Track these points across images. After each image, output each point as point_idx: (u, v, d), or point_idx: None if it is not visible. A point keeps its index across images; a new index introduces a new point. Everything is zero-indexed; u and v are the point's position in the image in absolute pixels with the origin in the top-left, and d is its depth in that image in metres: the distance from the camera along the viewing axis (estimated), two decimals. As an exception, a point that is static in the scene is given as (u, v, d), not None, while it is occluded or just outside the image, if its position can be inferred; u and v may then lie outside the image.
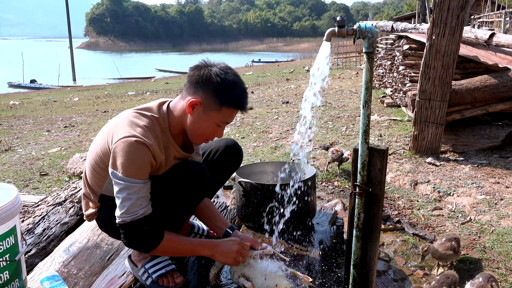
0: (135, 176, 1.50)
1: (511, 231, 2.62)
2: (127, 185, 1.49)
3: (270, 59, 39.08)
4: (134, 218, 1.50)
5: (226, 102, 1.60)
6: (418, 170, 3.78)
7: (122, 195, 1.50)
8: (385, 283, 2.25)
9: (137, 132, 1.52)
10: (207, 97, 1.59)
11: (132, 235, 1.54)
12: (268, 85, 12.58)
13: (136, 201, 1.50)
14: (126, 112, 1.65)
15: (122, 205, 1.50)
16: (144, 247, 1.60)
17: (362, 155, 1.50)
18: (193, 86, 1.61)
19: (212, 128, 1.65)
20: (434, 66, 3.90)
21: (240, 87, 1.63)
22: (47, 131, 6.90)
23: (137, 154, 1.50)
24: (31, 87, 22.38)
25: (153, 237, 1.57)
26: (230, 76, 1.60)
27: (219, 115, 1.62)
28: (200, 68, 1.62)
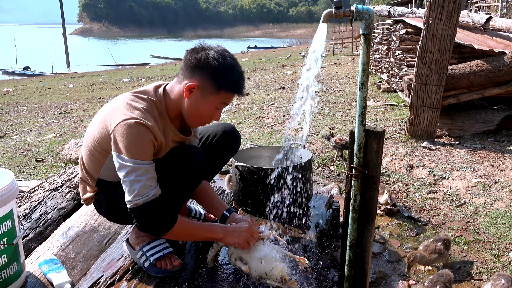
0: (141, 157, 1.48)
1: (504, 213, 2.66)
2: (135, 167, 1.47)
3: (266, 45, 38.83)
4: (147, 200, 1.47)
5: (224, 86, 1.59)
6: (414, 154, 3.80)
7: (130, 177, 1.47)
8: (380, 264, 2.28)
9: (135, 114, 1.51)
10: (204, 81, 1.58)
11: (147, 218, 1.50)
12: (264, 71, 12.52)
13: (146, 182, 1.48)
14: (122, 96, 1.63)
15: (132, 189, 1.47)
16: (159, 230, 1.57)
17: (358, 137, 1.51)
18: (190, 70, 1.60)
19: (210, 111, 1.65)
20: (430, 50, 3.89)
21: (237, 71, 1.62)
22: (42, 118, 6.85)
23: (139, 135, 1.48)
24: (24, 74, 22.15)
25: (167, 218, 1.55)
26: (228, 60, 1.59)
27: (216, 98, 1.61)
28: (197, 52, 1.60)
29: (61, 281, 1.74)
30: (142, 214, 1.49)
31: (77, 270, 1.89)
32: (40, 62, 25.72)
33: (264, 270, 1.64)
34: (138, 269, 1.76)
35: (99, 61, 27.39)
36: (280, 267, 1.65)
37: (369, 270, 1.64)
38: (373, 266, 2.24)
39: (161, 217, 1.53)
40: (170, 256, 1.77)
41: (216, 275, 1.75)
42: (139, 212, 1.49)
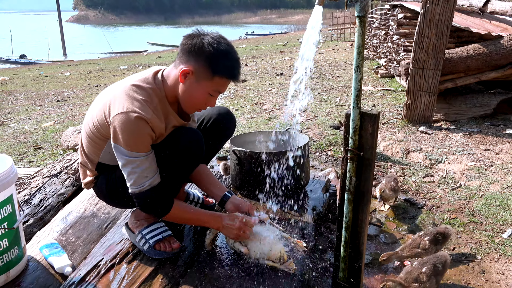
0: (138, 149, 1.53)
1: (499, 195, 2.69)
2: (130, 160, 1.53)
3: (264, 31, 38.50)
4: (142, 190, 1.57)
5: (218, 72, 1.59)
6: (411, 138, 3.82)
7: (127, 169, 1.55)
8: (376, 246, 2.32)
9: (135, 106, 1.53)
10: (199, 66, 1.59)
11: (143, 204, 1.61)
12: (262, 58, 12.46)
13: (141, 174, 1.55)
14: (123, 84, 1.63)
15: (129, 178, 1.56)
16: (155, 214, 1.69)
17: (354, 120, 1.52)
18: (186, 55, 1.60)
19: (204, 97, 1.65)
20: (428, 34, 3.88)
21: (232, 57, 1.62)
22: (39, 106, 6.84)
23: (137, 129, 1.52)
24: (21, 63, 21.97)
25: (162, 205, 1.64)
26: (223, 46, 1.59)
27: (211, 84, 1.62)
28: (193, 37, 1.61)
29: (62, 264, 1.77)
30: (139, 201, 1.60)
31: (77, 254, 1.92)
32: (36, 50, 25.49)
33: (264, 251, 1.67)
34: (137, 252, 1.79)
35: (96, 49, 27.15)
36: (279, 248, 1.68)
37: (364, 251, 1.66)
38: (369, 248, 2.28)
39: (156, 204, 1.62)
40: (169, 239, 1.81)
41: (215, 258, 1.78)
42: (137, 199, 1.60)
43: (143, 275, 1.64)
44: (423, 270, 1.83)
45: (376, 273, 2.07)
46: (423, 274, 1.82)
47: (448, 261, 1.90)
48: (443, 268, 1.87)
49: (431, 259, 1.90)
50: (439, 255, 1.93)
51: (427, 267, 1.84)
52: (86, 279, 1.64)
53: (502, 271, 2.03)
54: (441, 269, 1.86)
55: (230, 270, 1.68)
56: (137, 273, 1.66)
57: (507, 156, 3.31)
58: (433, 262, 1.86)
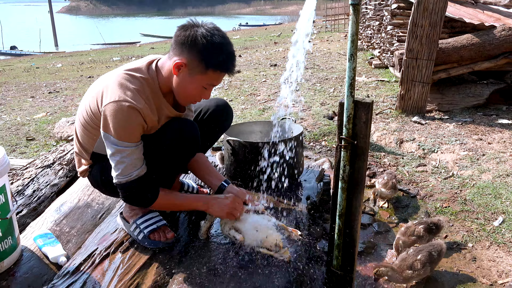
0: (127, 139, 1.52)
1: (491, 184, 2.72)
2: (120, 149, 1.52)
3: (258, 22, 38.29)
4: (129, 180, 1.55)
5: (212, 65, 1.56)
6: (404, 128, 3.84)
7: (116, 158, 1.53)
8: (369, 235, 2.34)
9: (127, 95, 1.51)
10: (192, 59, 1.56)
11: (129, 195, 1.61)
12: (256, 49, 12.40)
13: (130, 164, 1.53)
14: (116, 73, 1.62)
15: (116, 168, 1.55)
16: (141, 205, 1.69)
17: (347, 108, 1.52)
18: (179, 47, 1.58)
19: (198, 90, 1.63)
20: (421, 24, 3.88)
21: (227, 50, 1.58)
22: (31, 97, 6.77)
23: (128, 118, 1.50)
24: (11, 54, 21.70)
25: (148, 195, 1.63)
26: (217, 38, 1.56)
27: (204, 78, 1.59)
28: (186, 28, 1.58)
29: (56, 254, 1.77)
30: (125, 191, 1.59)
31: (71, 244, 1.92)
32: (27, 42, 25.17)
33: (259, 238, 1.67)
34: (132, 242, 1.79)
35: (88, 40, 26.87)
36: (274, 236, 1.69)
37: (358, 239, 1.68)
38: (363, 237, 2.30)
39: (141, 194, 1.61)
40: (164, 229, 1.81)
41: (210, 246, 1.78)
42: (122, 189, 1.59)
43: (138, 264, 1.65)
44: (418, 257, 1.85)
45: (370, 261, 2.09)
46: (418, 261, 1.84)
47: (444, 250, 1.92)
48: (438, 256, 1.88)
49: (427, 247, 1.91)
50: (435, 243, 1.94)
51: (423, 254, 1.86)
52: (81, 269, 1.64)
53: (493, 258, 2.06)
54: (436, 257, 1.87)
55: (226, 258, 1.69)
56: (132, 262, 1.66)
57: (499, 146, 3.34)
58: (429, 250, 1.88)
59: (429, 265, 1.84)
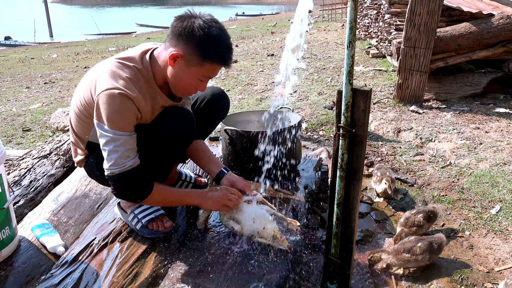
0: (121, 128, 1.49)
1: (488, 172, 2.73)
2: (113, 138, 1.48)
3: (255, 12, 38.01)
4: (123, 170, 1.50)
5: (209, 58, 1.54)
6: (402, 118, 3.83)
7: (109, 147, 1.49)
8: (367, 223, 2.34)
9: (119, 84, 1.49)
10: (188, 51, 1.54)
11: (122, 187, 1.54)
12: (253, 39, 12.33)
13: (123, 153, 1.49)
14: (108, 61, 1.60)
15: (109, 158, 1.50)
16: (134, 198, 1.61)
17: (346, 96, 1.51)
18: (175, 38, 1.56)
19: (194, 82, 1.61)
20: (419, 12, 3.86)
21: (224, 42, 1.56)
22: (26, 88, 6.72)
23: (121, 107, 1.48)
24: (6, 45, 21.47)
25: (142, 188, 1.58)
26: (214, 30, 1.53)
27: (201, 70, 1.57)
28: (183, 19, 1.55)
29: (54, 244, 1.77)
30: (117, 182, 1.53)
31: (69, 234, 1.91)
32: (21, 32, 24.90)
33: (257, 229, 1.68)
34: (130, 231, 1.79)
35: (83, 30, 26.58)
36: (272, 226, 1.69)
37: (356, 227, 1.68)
38: (361, 225, 2.31)
39: (135, 186, 1.56)
40: (162, 218, 1.80)
41: (208, 236, 1.78)
42: (115, 181, 1.53)
43: (136, 254, 1.65)
44: (418, 244, 1.87)
45: (367, 250, 2.10)
46: (418, 247, 1.86)
47: (444, 244, 1.93)
48: (438, 248, 1.90)
49: (429, 237, 1.94)
50: (436, 236, 1.96)
51: (424, 242, 1.88)
52: (79, 258, 1.64)
53: (490, 245, 2.07)
54: (436, 249, 1.89)
55: (224, 247, 1.69)
56: (130, 251, 1.66)
57: (496, 134, 3.35)
58: (430, 240, 1.90)
59: (428, 254, 1.86)
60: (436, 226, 2.25)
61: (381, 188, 2.54)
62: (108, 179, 1.53)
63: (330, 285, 1.73)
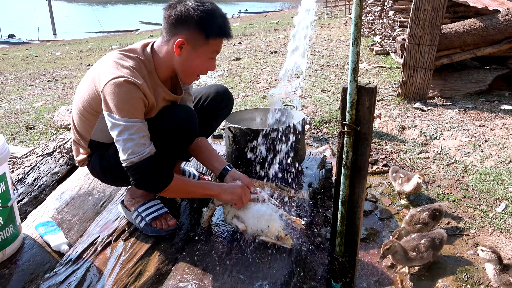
0: (132, 115, 1.46)
1: (493, 170, 2.70)
2: (127, 126, 1.45)
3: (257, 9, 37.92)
4: (142, 158, 1.45)
5: (212, 33, 1.55)
6: (406, 115, 3.81)
7: (123, 136, 1.45)
8: (371, 221, 2.33)
9: (124, 73, 1.48)
10: (191, 34, 1.54)
11: (143, 176, 1.48)
12: (256, 36, 12.30)
13: (139, 141, 1.46)
14: (110, 54, 1.59)
15: (126, 147, 1.46)
16: (156, 187, 1.55)
17: (351, 93, 1.50)
18: (173, 27, 1.55)
19: (205, 62, 1.62)
20: (424, 8, 3.83)
21: (220, 14, 1.58)
22: (30, 86, 6.73)
23: (129, 93, 1.46)
24: (9, 42, 21.58)
25: (164, 175, 1.53)
26: (207, 5, 1.55)
27: (208, 48, 1.58)
28: (174, 6, 1.55)
29: (58, 242, 1.76)
30: (138, 171, 1.47)
31: (73, 232, 1.91)
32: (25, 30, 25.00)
33: (261, 228, 1.67)
34: (134, 229, 1.79)
35: (86, 28, 26.65)
36: (276, 225, 1.68)
37: (360, 226, 1.67)
38: (365, 223, 2.29)
39: (157, 174, 1.51)
40: (165, 216, 1.80)
41: (212, 234, 1.78)
42: (135, 170, 1.47)
43: (140, 252, 1.64)
44: (422, 241, 1.86)
45: (372, 248, 2.09)
46: (422, 245, 1.85)
47: (445, 238, 1.94)
48: (440, 243, 1.90)
49: (430, 234, 1.94)
50: (437, 231, 1.96)
51: (426, 239, 1.87)
52: (83, 256, 1.64)
53: (495, 244, 2.05)
54: (439, 244, 1.89)
55: (228, 246, 1.69)
56: (134, 250, 1.66)
57: (502, 132, 3.32)
58: (432, 236, 1.90)
59: (432, 250, 1.85)
60: (441, 224, 2.23)
61: (412, 185, 2.39)
62: (128, 170, 1.48)
63: (334, 284, 1.72)
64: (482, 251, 1.77)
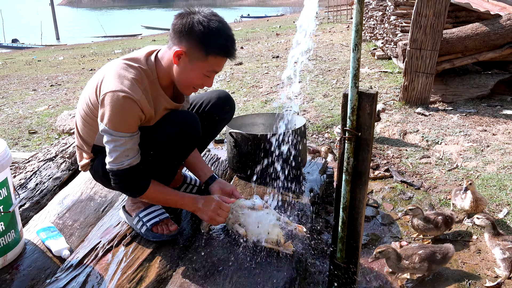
0: (122, 130, 1.51)
1: (495, 175, 2.70)
2: (114, 138, 1.52)
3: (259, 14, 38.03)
4: (120, 168, 1.55)
5: (211, 51, 1.55)
6: (408, 120, 3.81)
7: (110, 146, 1.54)
8: (373, 227, 2.33)
9: (125, 85, 1.50)
10: (191, 47, 1.54)
11: (118, 183, 1.60)
12: (258, 40, 12.33)
13: (122, 153, 1.53)
14: (115, 62, 1.61)
15: (110, 155, 1.55)
16: (130, 194, 1.68)
17: (352, 99, 1.50)
18: (177, 36, 1.56)
19: (200, 78, 1.61)
20: (425, 14, 3.84)
21: (225, 34, 1.56)
22: (33, 90, 6.76)
23: (124, 109, 1.49)
24: (13, 47, 21.64)
25: (138, 185, 1.62)
26: (214, 23, 1.54)
27: (205, 64, 1.57)
28: (183, 16, 1.56)
29: (59, 248, 1.76)
30: (115, 178, 1.59)
31: (75, 237, 1.91)
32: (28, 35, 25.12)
33: (261, 234, 1.67)
34: (135, 235, 1.79)
35: (89, 33, 26.75)
36: (276, 232, 1.68)
37: (362, 231, 1.67)
38: (366, 229, 2.29)
39: (131, 184, 1.61)
40: (167, 222, 1.80)
41: (213, 239, 1.78)
42: (113, 177, 1.60)
43: (141, 257, 1.64)
44: (419, 251, 1.84)
45: (373, 253, 2.08)
46: (417, 255, 1.83)
47: (450, 254, 1.88)
48: (442, 258, 1.85)
49: (432, 246, 1.91)
50: (445, 246, 1.91)
51: (425, 251, 1.84)
52: (84, 262, 1.64)
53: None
54: (439, 259, 1.85)
55: (229, 251, 1.68)
56: (135, 255, 1.66)
57: (504, 137, 3.32)
58: (433, 250, 1.86)
59: (427, 263, 1.82)
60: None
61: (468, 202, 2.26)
62: (108, 172, 1.59)
63: (335, 290, 1.71)
64: (478, 219, 1.95)
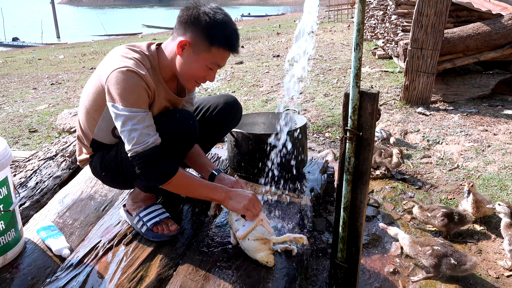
0: (135, 105, 1.46)
1: (496, 175, 2.69)
2: (130, 115, 1.45)
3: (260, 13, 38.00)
4: (146, 148, 1.44)
5: (215, 42, 1.55)
6: (409, 120, 3.80)
7: (127, 127, 1.45)
8: (374, 227, 2.32)
9: (128, 63, 1.50)
10: (196, 37, 1.55)
11: (147, 164, 1.46)
12: (258, 40, 12.32)
13: (143, 130, 1.45)
14: (116, 49, 1.62)
15: (130, 138, 1.45)
16: (160, 177, 1.52)
17: (353, 99, 1.49)
18: (182, 27, 1.57)
19: (203, 70, 1.60)
20: (427, 13, 3.83)
21: (230, 27, 1.57)
22: (33, 89, 6.76)
23: (132, 82, 1.46)
24: (13, 45, 21.62)
25: (168, 166, 1.50)
26: (219, 15, 1.55)
27: (209, 56, 1.57)
28: (189, 8, 1.58)
29: (59, 247, 1.76)
30: (142, 161, 1.46)
31: (75, 236, 1.91)
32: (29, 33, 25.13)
33: (247, 248, 1.59)
34: (135, 234, 1.78)
35: (90, 31, 26.74)
36: (260, 255, 1.57)
37: (363, 231, 1.66)
38: (367, 229, 2.29)
39: (161, 163, 1.49)
40: (167, 221, 1.79)
41: (214, 239, 1.77)
42: (140, 159, 1.46)
43: (142, 257, 1.64)
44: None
45: (374, 254, 2.08)
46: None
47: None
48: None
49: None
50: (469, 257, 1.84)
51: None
52: (84, 261, 1.64)
53: (498, 250, 2.04)
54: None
55: (229, 251, 1.68)
56: (136, 254, 1.65)
57: (505, 137, 3.31)
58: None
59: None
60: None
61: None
62: (133, 160, 1.48)
63: (336, 290, 1.71)
64: (499, 205, 2.01)
